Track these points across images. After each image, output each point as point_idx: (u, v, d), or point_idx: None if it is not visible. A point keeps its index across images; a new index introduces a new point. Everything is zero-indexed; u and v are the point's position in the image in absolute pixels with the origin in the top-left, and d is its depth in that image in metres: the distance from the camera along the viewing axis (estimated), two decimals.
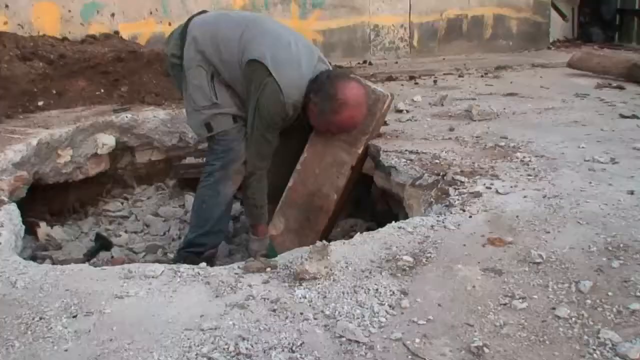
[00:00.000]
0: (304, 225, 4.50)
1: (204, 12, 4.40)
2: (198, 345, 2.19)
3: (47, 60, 6.47)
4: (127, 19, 8.34)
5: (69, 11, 7.85)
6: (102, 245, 4.85)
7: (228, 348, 2.16)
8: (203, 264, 2.97)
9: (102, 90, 6.34)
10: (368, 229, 4.29)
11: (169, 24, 8.39)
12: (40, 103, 5.94)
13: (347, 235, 5.04)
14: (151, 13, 8.51)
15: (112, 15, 8.20)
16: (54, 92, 6.16)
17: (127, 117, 5.70)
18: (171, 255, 4.66)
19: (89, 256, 4.70)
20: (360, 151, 4.55)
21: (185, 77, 4.15)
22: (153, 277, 2.71)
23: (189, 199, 5.61)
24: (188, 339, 2.23)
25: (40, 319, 2.39)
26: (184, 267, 2.82)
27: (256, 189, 4.23)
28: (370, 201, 5.35)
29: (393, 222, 3.33)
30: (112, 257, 4.71)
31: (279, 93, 3.90)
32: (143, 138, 5.86)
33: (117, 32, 8.15)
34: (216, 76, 4.09)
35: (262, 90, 3.92)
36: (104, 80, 6.46)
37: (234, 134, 4.15)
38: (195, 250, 4.25)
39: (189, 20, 4.26)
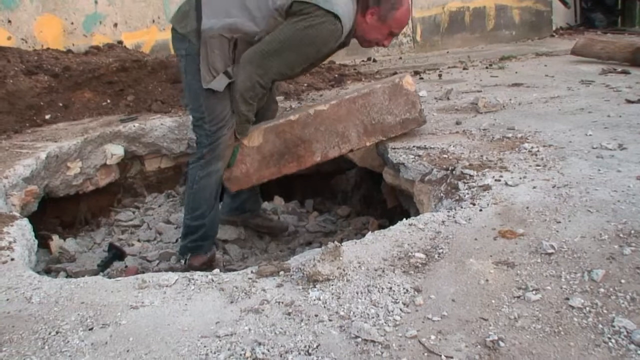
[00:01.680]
0: (274, 159, 4.48)
1: None
2: (215, 352, 2.20)
3: (51, 73, 6.50)
4: (130, 29, 8.36)
5: (72, 23, 7.87)
6: (116, 255, 4.86)
7: (245, 354, 2.17)
8: (216, 270, 2.98)
9: (108, 101, 6.35)
10: (380, 227, 4.31)
11: None
12: (47, 116, 5.96)
13: (359, 233, 5.06)
14: (153, 21, 8.53)
15: (115, 25, 8.21)
16: (61, 104, 6.17)
17: (134, 126, 5.71)
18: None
19: (102, 267, 4.71)
20: (368, 144, 4.63)
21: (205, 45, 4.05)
22: (167, 285, 2.72)
23: None
24: (204, 346, 2.24)
25: (57, 333, 2.40)
26: (197, 275, 2.83)
27: (253, 99, 4.15)
28: (381, 198, 5.35)
29: (404, 219, 3.33)
30: (126, 266, 4.71)
31: (337, 28, 3.95)
32: (151, 146, 5.87)
33: (120, 42, 8.18)
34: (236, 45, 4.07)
35: (315, 25, 3.88)
36: (110, 90, 6.47)
37: (223, 113, 4.16)
38: (193, 239, 4.37)
39: None
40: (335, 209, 6.13)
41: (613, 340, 2.13)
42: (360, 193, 6.09)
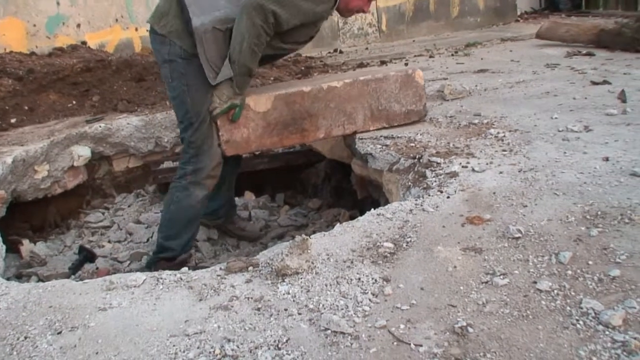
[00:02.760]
0: (278, 128, 4.39)
1: None
2: (184, 351, 2.19)
3: (15, 76, 6.43)
4: (93, 29, 8.30)
5: (34, 25, 7.80)
6: (86, 257, 4.82)
7: (214, 351, 2.17)
8: (185, 269, 2.96)
9: (74, 102, 6.30)
10: (351, 218, 4.31)
11: (136, 30, 8.37)
12: (12, 120, 5.89)
13: (331, 225, 5.05)
14: (117, 20, 8.47)
15: (78, 25, 8.15)
16: (26, 107, 6.11)
17: (100, 126, 5.66)
18: None
19: (74, 269, 4.68)
20: (372, 129, 4.63)
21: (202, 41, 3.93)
22: (135, 286, 2.71)
23: None
24: (174, 345, 2.23)
25: (25, 338, 2.38)
26: (165, 274, 2.81)
27: (256, 57, 3.94)
28: (351, 190, 5.35)
29: (372, 209, 3.33)
30: (97, 268, 4.69)
31: None
32: (118, 146, 5.83)
33: (84, 43, 8.12)
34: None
35: None
36: (75, 91, 6.42)
37: (207, 132, 4.10)
38: (166, 256, 4.24)
39: None
40: (306, 202, 6.13)
41: (581, 322, 2.15)
42: (331, 185, 6.09)
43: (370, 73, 4.74)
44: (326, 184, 6.20)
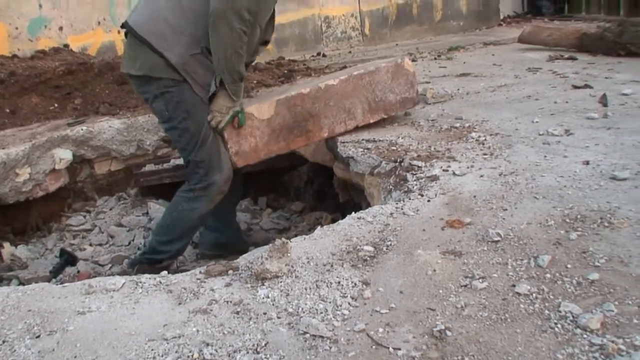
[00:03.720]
0: (283, 133, 4.38)
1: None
2: (162, 355, 2.18)
3: None
4: (76, 31, 8.25)
5: (16, 28, 7.75)
6: (67, 261, 4.81)
7: (192, 355, 2.16)
8: (164, 272, 2.96)
9: (56, 105, 6.27)
10: (333, 221, 4.31)
11: (118, 32, 8.32)
12: None
13: (313, 229, 5.04)
14: (99, 23, 8.43)
15: (60, 28, 8.11)
16: (7, 110, 6.08)
17: (82, 129, 5.65)
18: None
19: (55, 273, 4.66)
20: (372, 121, 4.72)
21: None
22: (114, 290, 2.69)
23: (152, 206, 5.59)
24: (152, 349, 2.22)
25: (3, 342, 2.36)
26: (145, 278, 2.80)
27: (242, 59, 3.88)
28: (334, 193, 5.35)
29: (353, 212, 3.33)
30: (78, 271, 4.67)
31: None
32: (100, 149, 5.81)
33: (66, 45, 8.07)
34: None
35: None
36: (57, 94, 6.39)
37: (214, 148, 4.05)
38: (153, 258, 4.22)
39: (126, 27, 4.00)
40: (288, 205, 6.13)
41: (559, 326, 2.15)
42: (313, 188, 6.09)
43: (363, 67, 4.81)
44: (309, 187, 6.20)
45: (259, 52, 4.35)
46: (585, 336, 2.08)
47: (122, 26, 4.02)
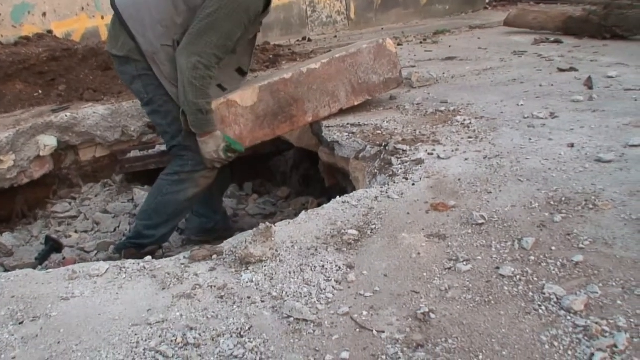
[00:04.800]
0: (267, 119, 4.36)
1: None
2: (146, 340, 2.18)
3: None
4: (59, 17, 8.19)
5: (0, 14, 7.70)
6: (53, 248, 4.79)
7: (176, 340, 2.16)
8: (148, 258, 2.95)
9: (40, 91, 6.24)
10: (319, 206, 4.30)
11: (102, 18, 8.29)
12: None
13: (300, 213, 5.05)
14: (83, 9, 8.37)
15: (44, 14, 8.04)
16: None
17: (66, 115, 5.62)
18: None
19: (40, 260, 4.65)
20: (356, 103, 4.74)
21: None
22: (98, 275, 2.68)
23: (138, 192, 5.58)
24: (136, 334, 2.22)
25: None
26: (128, 263, 2.79)
27: (201, 91, 3.80)
28: (320, 178, 5.35)
29: (338, 197, 3.33)
30: (64, 258, 4.65)
31: None
32: (85, 135, 5.79)
33: (50, 32, 8.00)
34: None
35: None
36: (41, 80, 6.36)
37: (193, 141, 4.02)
38: (139, 242, 4.19)
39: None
40: (274, 190, 6.13)
41: (543, 307, 2.16)
42: (299, 173, 6.09)
43: (344, 49, 4.79)
44: (294, 172, 6.20)
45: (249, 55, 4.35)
46: (569, 318, 2.09)
47: (111, 4, 3.99)
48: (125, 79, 4.10)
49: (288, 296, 2.38)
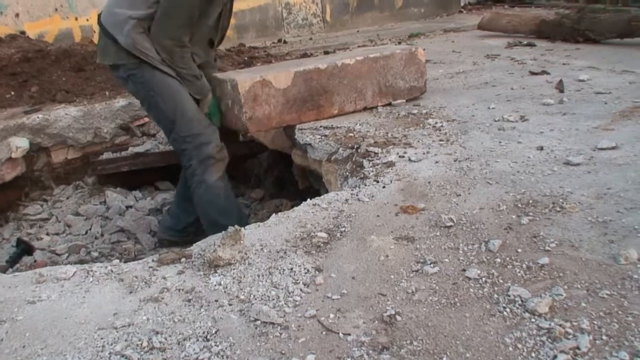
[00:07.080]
0: (296, 104, 4.48)
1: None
2: (111, 344, 2.16)
3: None
4: (32, 18, 8.15)
5: None
6: (24, 250, 4.76)
7: (142, 344, 2.15)
8: (116, 261, 2.93)
9: (12, 93, 6.19)
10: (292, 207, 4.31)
11: (76, 19, 8.25)
12: None
13: None
14: (56, 10, 8.33)
15: (17, 15, 8.01)
16: None
17: (38, 117, 5.59)
18: (95, 254, 4.63)
19: (11, 262, 4.61)
20: (380, 104, 4.83)
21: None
22: (65, 279, 2.66)
23: (110, 195, 5.55)
24: (101, 338, 2.21)
25: None
26: (96, 266, 2.77)
27: (182, 60, 4.07)
28: (294, 180, 5.35)
29: (308, 199, 3.34)
30: (35, 261, 4.63)
31: None
32: (57, 137, 5.75)
33: (23, 32, 7.96)
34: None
35: None
36: (13, 82, 6.31)
37: (194, 119, 4.16)
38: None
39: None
40: (249, 192, 6.11)
41: (508, 309, 2.17)
42: (274, 175, 6.08)
43: (378, 50, 4.96)
44: (269, 174, 6.18)
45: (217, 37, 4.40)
46: (533, 320, 2.10)
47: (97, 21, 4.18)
48: (122, 84, 4.30)
49: (256, 299, 2.38)
